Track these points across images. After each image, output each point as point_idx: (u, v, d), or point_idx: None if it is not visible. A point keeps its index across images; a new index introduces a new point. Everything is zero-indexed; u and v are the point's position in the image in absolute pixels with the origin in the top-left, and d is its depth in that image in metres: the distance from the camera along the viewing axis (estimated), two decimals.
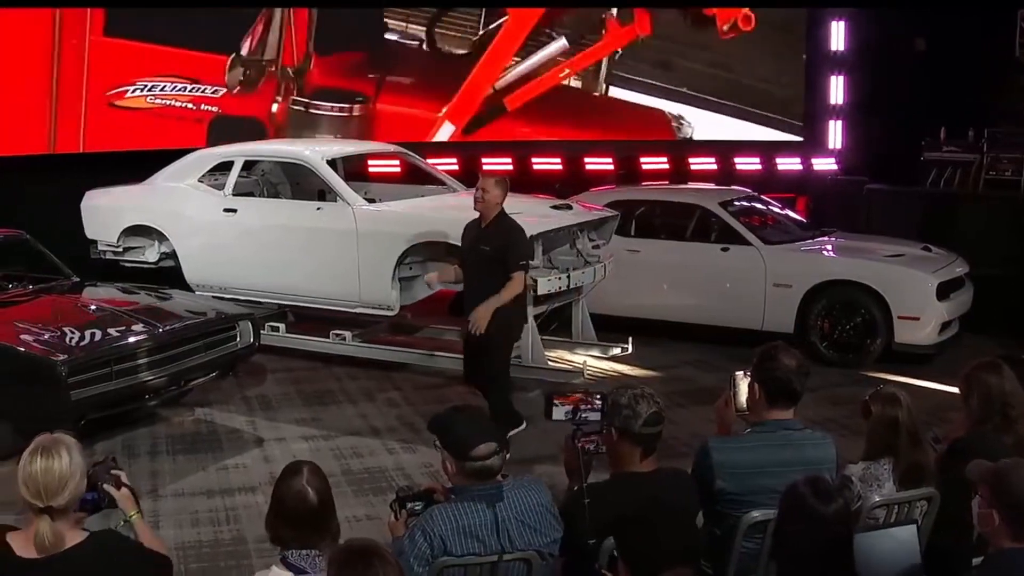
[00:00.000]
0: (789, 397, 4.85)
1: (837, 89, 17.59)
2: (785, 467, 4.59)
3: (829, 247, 11.96)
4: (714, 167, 17.04)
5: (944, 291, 10.95)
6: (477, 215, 8.59)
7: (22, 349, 8.30)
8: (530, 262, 9.52)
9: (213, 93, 14.42)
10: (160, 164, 11.96)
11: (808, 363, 5.00)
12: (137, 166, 12.25)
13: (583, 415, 4.59)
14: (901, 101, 15.96)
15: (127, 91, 13.96)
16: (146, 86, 14.01)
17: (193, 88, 14.32)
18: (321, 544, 3.89)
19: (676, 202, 12.64)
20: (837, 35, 17.45)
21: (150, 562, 4.22)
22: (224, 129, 14.18)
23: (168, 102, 14.26)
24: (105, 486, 4.29)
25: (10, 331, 8.56)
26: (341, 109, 15.52)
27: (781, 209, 13.01)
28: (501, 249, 8.38)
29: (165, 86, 14.09)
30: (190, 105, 14.37)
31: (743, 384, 5.05)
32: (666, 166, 16.91)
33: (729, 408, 5.11)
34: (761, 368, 4.86)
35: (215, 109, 14.50)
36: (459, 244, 9.34)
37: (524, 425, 8.67)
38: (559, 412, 4.55)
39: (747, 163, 17.24)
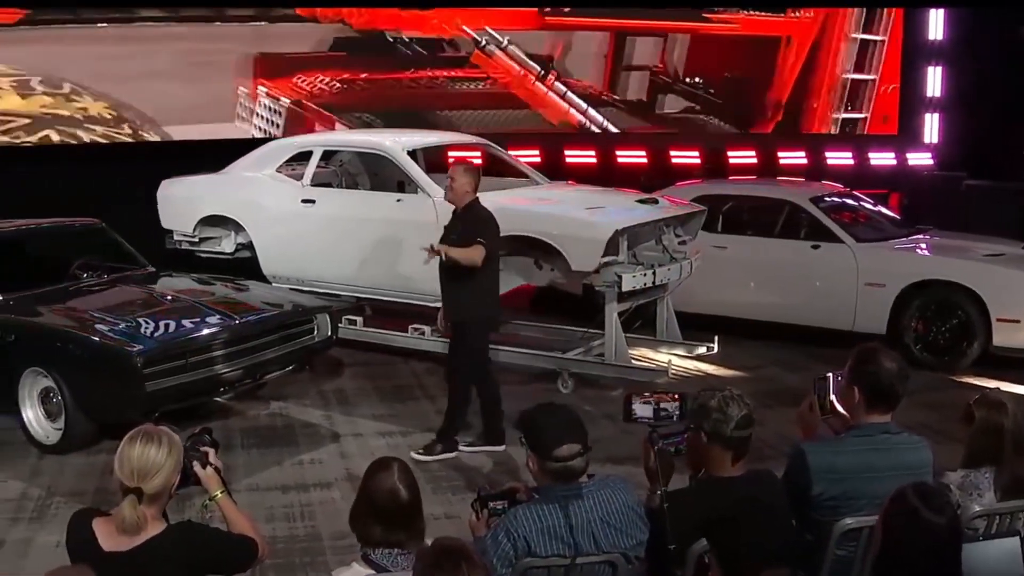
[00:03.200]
0: (890, 400, 4.76)
1: (934, 80, 17.38)
2: (884, 472, 4.53)
3: (924, 245, 11.78)
4: (804, 161, 16.92)
5: None
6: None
7: (96, 339, 8.42)
8: (615, 257, 9.55)
9: None
10: None
11: (907, 365, 4.93)
12: None
13: (663, 415, 4.52)
14: (1002, 92, 15.71)
15: None
16: None
17: None
18: (408, 543, 3.91)
19: (765, 197, 12.52)
20: (935, 24, 17.22)
21: (230, 549, 4.28)
22: None
23: None
24: (193, 464, 4.35)
25: (85, 321, 8.71)
26: None
27: (874, 205, 12.86)
28: (468, 232, 8.39)
29: None
30: None
31: (833, 386, 4.99)
32: (754, 160, 16.83)
33: (814, 412, 5.04)
34: (860, 370, 4.77)
35: None
36: (543, 239, 9.43)
37: (455, 455, 8.67)
38: (638, 413, 4.51)
39: (839, 157, 17.07)
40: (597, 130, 17.27)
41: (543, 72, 16.99)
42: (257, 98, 16.09)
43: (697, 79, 17.76)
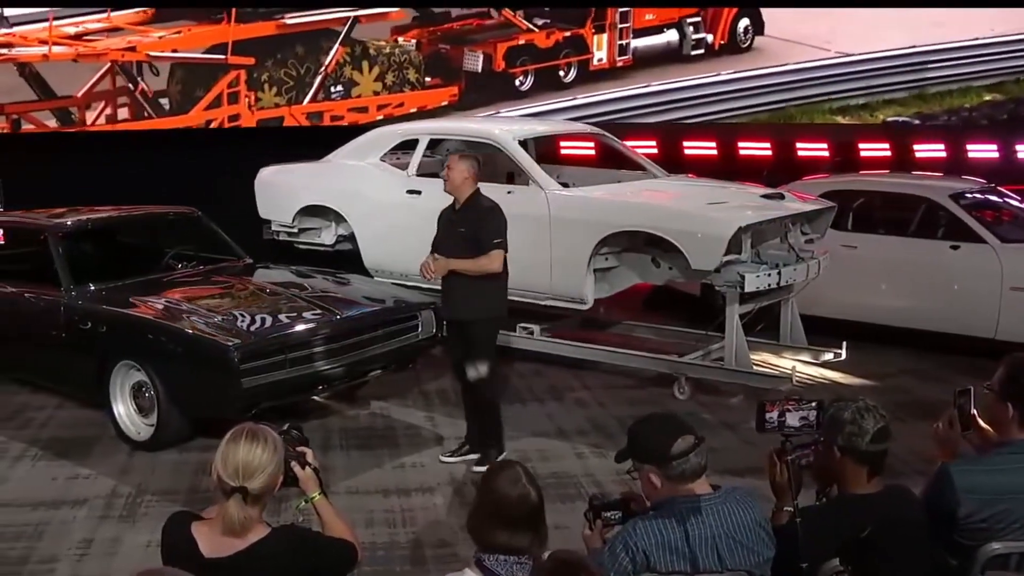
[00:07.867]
0: None
1: None
2: None
3: None
4: (943, 154, 16.57)
5: None
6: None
7: (191, 332, 8.50)
8: (738, 256, 9.46)
9: None
10: None
11: None
12: None
13: (803, 424, 4.45)
14: None
15: None
16: None
17: None
18: (531, 547, 3.90)
19: (900, 193, 12.32)
20: None
21: (333, 553, 4.30)
22: None
23: None
24: (292, 464, 4.37)
25: (180, 314, 8.82)
26: None
27: (1020, 202, 12.58)
28: (475, 228, 8.29)
29: None
30: None
31: (975, 399, 4.88)
32: (887, 153, 16.55)
33: (954, 428, 4.93)
34: (1014, 383, 4.66)
35: None
36: (661, 235, 9.40)
37: (504, 455, 8.56)
38: (772, 422, 4.45)
39: (981, 150, 16.70)
40: None
41: None
42: None
43: None
